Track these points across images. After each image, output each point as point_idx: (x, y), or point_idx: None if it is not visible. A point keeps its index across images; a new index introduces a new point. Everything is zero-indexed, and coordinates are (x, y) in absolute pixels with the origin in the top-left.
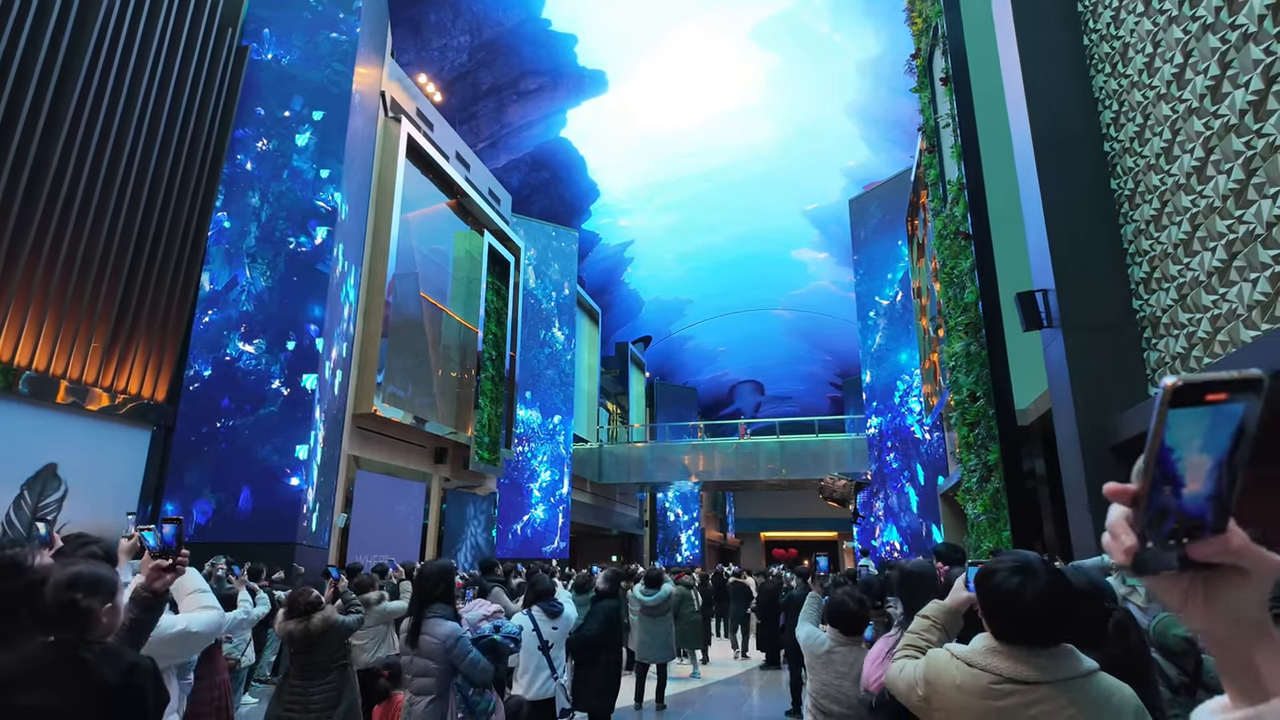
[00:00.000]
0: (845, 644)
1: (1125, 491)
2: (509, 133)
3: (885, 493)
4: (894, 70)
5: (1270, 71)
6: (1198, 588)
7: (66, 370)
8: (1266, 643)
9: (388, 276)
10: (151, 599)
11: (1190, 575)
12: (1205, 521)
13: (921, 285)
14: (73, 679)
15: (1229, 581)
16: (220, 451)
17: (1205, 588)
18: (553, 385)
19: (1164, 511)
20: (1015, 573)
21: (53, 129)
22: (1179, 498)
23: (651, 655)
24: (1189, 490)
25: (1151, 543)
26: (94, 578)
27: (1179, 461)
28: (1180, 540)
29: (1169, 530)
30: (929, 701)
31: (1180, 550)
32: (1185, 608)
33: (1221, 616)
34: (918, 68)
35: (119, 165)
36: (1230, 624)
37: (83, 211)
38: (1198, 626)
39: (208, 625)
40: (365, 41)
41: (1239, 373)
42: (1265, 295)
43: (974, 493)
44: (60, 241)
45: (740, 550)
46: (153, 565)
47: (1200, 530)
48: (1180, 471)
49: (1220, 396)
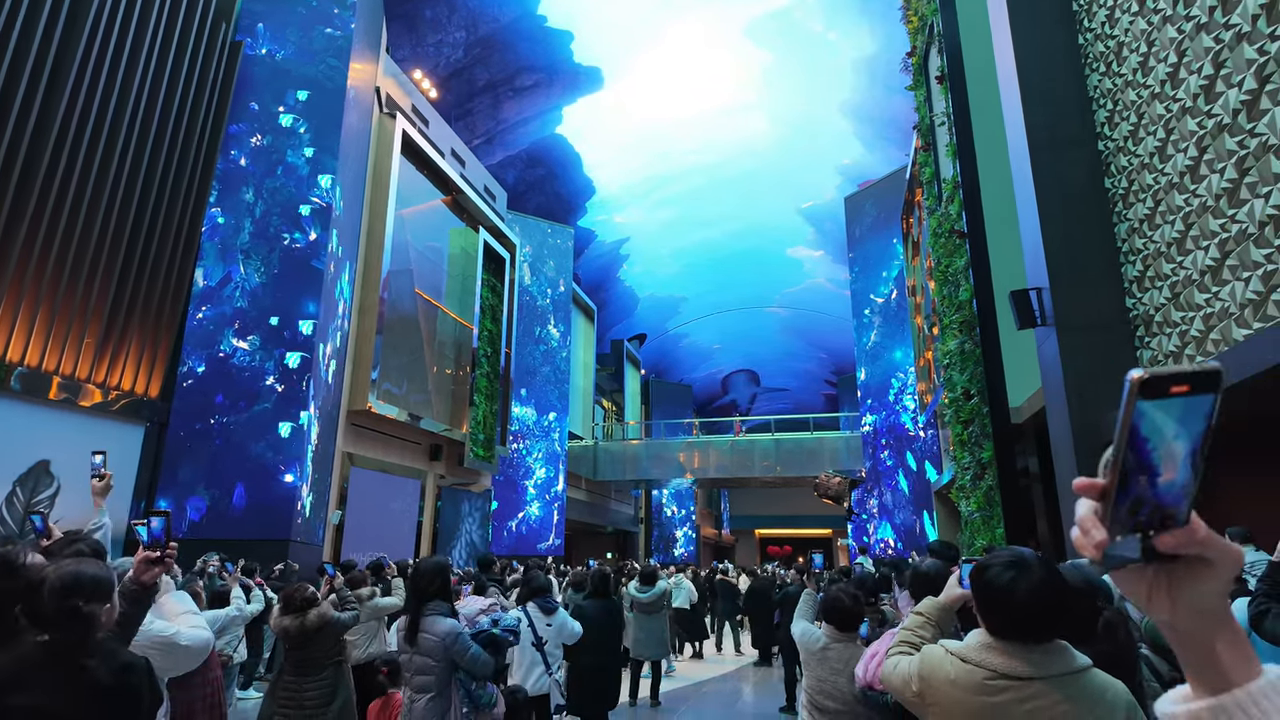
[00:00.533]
0: (840, 640)
1: (1094, 486)
2: (504, 129)
3: (879, 490)
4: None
5: (1264, 71)
6: (1161, 580)
7: (59, 366)
8: (1226, 633)
9: (383, 273)
10: (140, 592)
11: (1154, 568)
12: (1179, 511)
13: (916, 283)
14: (66, 679)
15: (1192, 573)
16: (214, 448)
17: (1169, 580)
18: (548, 382)
19: (1139, 502)
20: (1010, 568)
21: (45, 123)
22: (1155, 488)
23: (646, 652)
24: (1164, 480)
25: (1119, 536)
26: (94, 581)
27: (1154, 451)
28: (1148, 532)
29: (1144, 518)
30: (923, 697)
31: (1147, 542)
32: (1149, 601)
33: (1184, 608)
34: (913, 66)
35: (111, 160)
36: (1192, 615)
37: (75, 206)
38: (1161, 618)
39: (196, 641)
40: (360, 37)
41: (1199, 365)
42: (1257, 294)
43: (968, 490)
44: (53, 237)
45: (735, 547)
46: (141, 558)
47: (1173, 520)
48: (1156, 461)
49: (1183, 389)
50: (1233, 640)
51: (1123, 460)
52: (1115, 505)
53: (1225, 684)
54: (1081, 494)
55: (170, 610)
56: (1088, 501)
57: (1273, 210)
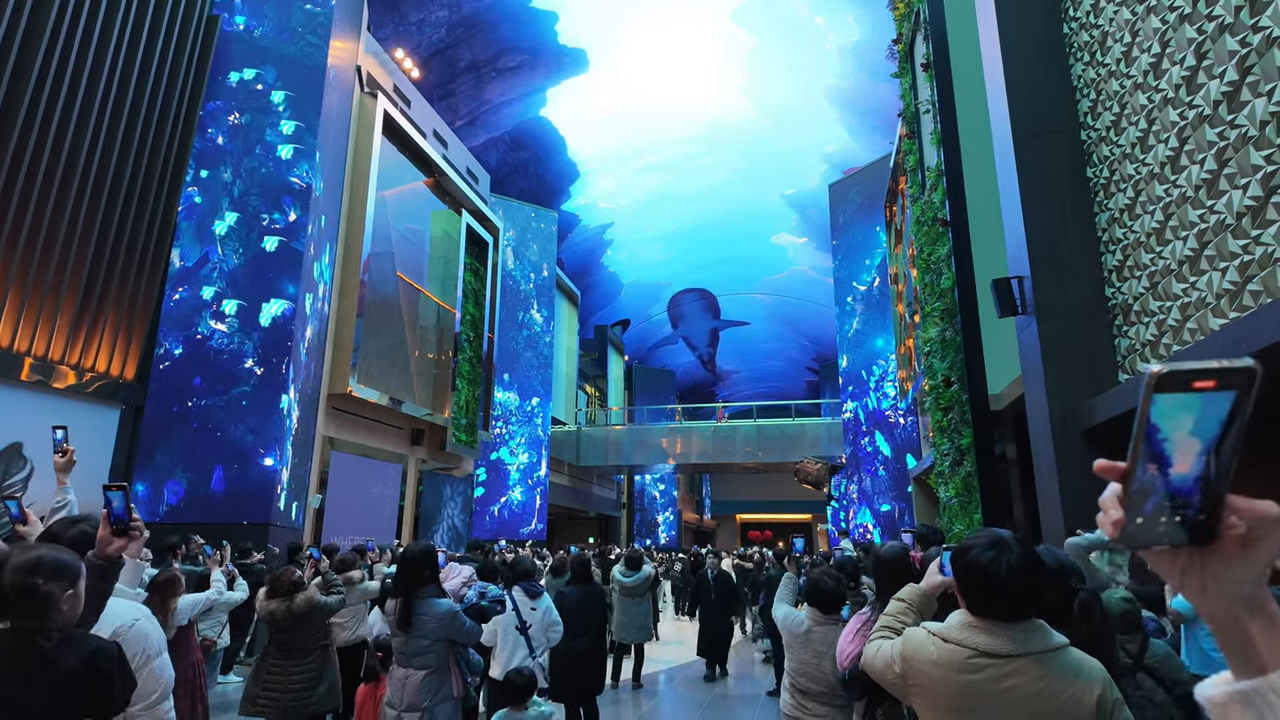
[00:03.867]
0: (823, 623)
1: (1115, 469)
2: (488, 110)
3: (859, 476)
4: (875, 55)
5: (1245, 63)
6: (1195, 563)
7: (31, 347)
8: (1261, 618)
9: (363, 255)
10: (107, 567)
11: (1189, 551)
12: (1192, 502)
13: (899, 271)
14: (34, 667)
15: (1226, 557)
16: (191, 431)
17: (1203, 563)
18: (531, 367)
19: (1148, 489)
20: (990, 548)
21: (14, 99)
22: (1166, 477)
23: (629, 636)
24: (1176, 471)
25: (1141, 519)
26: (56, 563)
27: (1165, 443)
28: (1184, 516)
29: (1152, 508)
30: (905, 679)
31: (1191, 522)
32: (1183, 582)
33: (1217, 591)
34: (899, 53)
35: (84, 136)
36: (1226, 600)
37: (46, 185)
38: (1194, 601)
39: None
40: (340, 14)
41: (1229, 362)
42: (1234, 284)
43: (946, 476)
44: (23, 215)
45: (716, 532)
46: (103, 535)
47: (1187, 510)
48: (1168, 453)
49: (1208, 384)
50: (1268, 623)
51: (1138, 449)
52: (1131, 490)
53: (1260, 668)
54: (1103, 476)
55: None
56: (1112, 484)
57: (1250, 202)
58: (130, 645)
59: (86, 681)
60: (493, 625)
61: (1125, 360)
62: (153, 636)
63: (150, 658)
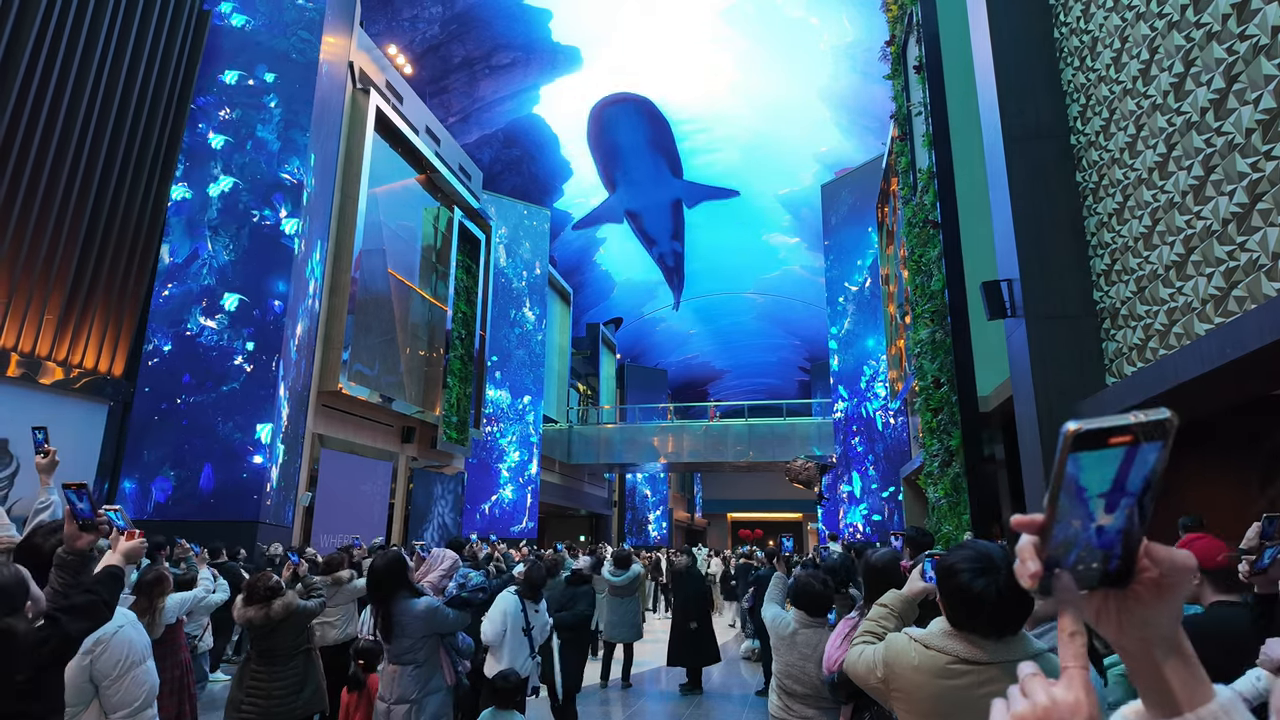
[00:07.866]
0: (810, 625)
1: (1033, 522)
2: (480, 108)
3: (849, 476)
4: (868, 56)
5: (1232, 70)
6: (1110, 604)
7: (18, 343)
8: (1175, 658)
9: (354, 252)
10: (78, 561)
11: (1103, 594)
12: (1114, 554)
13: (890, 272)
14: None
15: (1138, 600)
16: (180, 428)
17: (1118, 605)
18: (523, 365)
19: (1070, 543)
20: (980, 574)
21: (2, 94)
22: (1088, 531)
23: (619, 635)
24: (1099, 524)
25: (1059, 570)
26: None
27: (1088, 499)
28: (1094, 565)
29: (1074, 560)
30: (887, 683)
31: (1105, 567)
32: (1099, 621)
33: (1131, 632)
34: (892, 55)
35: (73, 130)
36: (1141, 640)
37: (34, 179)
38: (1110, 638)
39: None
40: (333, 9)
41: (1145, 415)
42: (1219, 289)
43: (935, 477)
44: (10, 209)
45: (707, 530)
46: (69, 528)
47: (1109, 562)
48: (1091, 509)
49: (1125, 439)
50: (1183, 663)
51: (1056, 504)
52: (1050, 542)
53: (1174, 708)
54: (1019, 530)
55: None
56: (1027, 535)
57: (1236, 208)
58: (114, 652)
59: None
60: (500, 625)
61: (1113, 364)
62: (136, 643)
63: (134, 664)
